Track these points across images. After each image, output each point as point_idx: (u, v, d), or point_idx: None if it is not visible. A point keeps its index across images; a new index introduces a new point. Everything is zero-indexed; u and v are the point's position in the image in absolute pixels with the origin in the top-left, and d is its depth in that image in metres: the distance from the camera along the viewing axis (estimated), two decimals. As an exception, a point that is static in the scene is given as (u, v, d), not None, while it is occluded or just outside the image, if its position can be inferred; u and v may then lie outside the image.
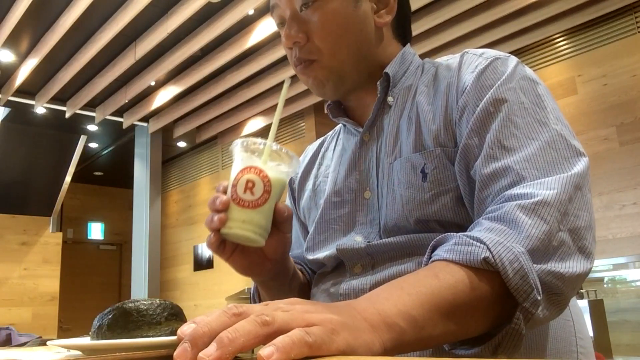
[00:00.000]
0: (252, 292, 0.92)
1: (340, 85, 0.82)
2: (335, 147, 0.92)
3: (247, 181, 0.64)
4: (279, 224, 0.69)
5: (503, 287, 0.53)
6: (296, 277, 0.87)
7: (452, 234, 0.59)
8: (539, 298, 0.53)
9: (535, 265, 0.54)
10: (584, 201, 0.61)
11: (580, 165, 0.62)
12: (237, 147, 0.67)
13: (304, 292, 0.89)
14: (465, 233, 0.57)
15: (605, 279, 3.81)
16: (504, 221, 0.58)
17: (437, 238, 0.60)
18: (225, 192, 0.66)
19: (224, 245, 0.69)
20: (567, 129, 0.67)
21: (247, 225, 0.64)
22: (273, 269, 0.76)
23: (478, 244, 0.54)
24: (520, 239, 0.56)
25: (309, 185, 0.94)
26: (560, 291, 0.56)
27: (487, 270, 0.53)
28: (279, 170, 0.66)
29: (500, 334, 0.54)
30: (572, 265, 0.57)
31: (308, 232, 0.92)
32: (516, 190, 0.60)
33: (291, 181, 1.00)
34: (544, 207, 0.57)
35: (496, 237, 0.55)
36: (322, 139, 1.00)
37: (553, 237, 0.57)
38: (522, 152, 0.64)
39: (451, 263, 0.55)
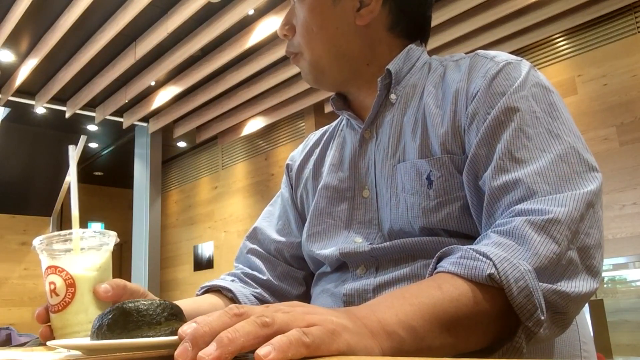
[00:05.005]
0: None
1: (321, 78, 0.84)
2: (336, 139, 0.91)
3: (49, 284, 0.62)
4: (111, 302, 0.67)
5: (507, 304, 0.52)
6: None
7: (458, 246, 0.58)
8: (542, 318, 0.52)
9: (541, 283, 0.54)
10: (596, 219, 0.59)
11: (594, 182, 0.61)
12: (36, 248, 0.64)
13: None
14: (472, 246, 0.56)
15: (605, 279, 3.81)
16: (513, 236, 0.57)
17: (443, 249, 0.59)
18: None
19: None
20: (580, 141, 0.65)
21: (67, 329, 0.62)
22: None
23: (484, 259, 0.53)
24: (527, 257, 0.55)
25: (309, 174, 0.93)
26: (564, 310, 0.56)
27: (491, 286, 0.53)
28: (85, 255, 0.63)
29: (501, 349, 0.53)
30: (578, 285, 0.56)
31: (303, 221, 0.91)
32: (527, 206, 0.59)
33: (289, 168, 0.99)
34: (554, 225, 0.56)
35: (503, 252, 0.54)
36: (325, 128, 0.98)
37: (562, 256, 0.56)
38: (533, 164, 0.62)
39: (455, 276, 0.54)
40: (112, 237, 0.67)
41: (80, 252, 0.64)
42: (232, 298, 0.87)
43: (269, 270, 0.93)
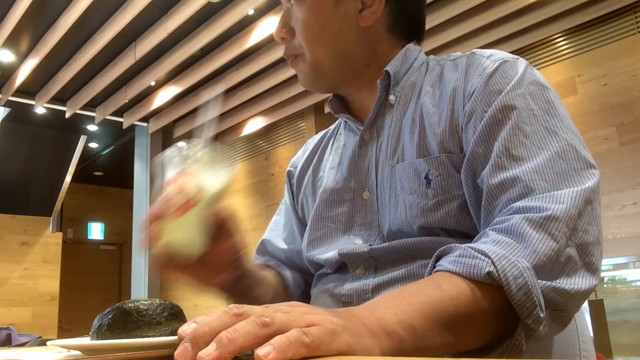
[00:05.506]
0: None
1: (321, 80, 0.83)
2: (335, 142, 0.91)
3: (178, 185, 0.64)
4: (219, 226, 0.69)
5: (506, 301, 0.53)
6: (265, 284, 0.85)
7: (456, 244, 0.58)
8: (541, 315, 0.53)
9: (540, 281, 0.54)
10: (594, 215, 0.59)
11: (592, 179, 0.61)
12: (167, 157, 0.67)
13: (278, 297, 0.88)
14: (471, 245, 0.57)
15: (605, 279, 3.80)
16: (511, 234, 0.57)
17: (442, 248, 0.59)
18: (159, 203, 0.65)
19: (169, 262, 0.68)
20: (577, 138, 0.65)
21: (182, 228, 0.64)
22: (230, 277, 0.76)
23: (482, 257, 0.53)
24: (526, 254, 0.55)
25: (308, 179, 0.93)
26: (563, 307, 0.56)
27: (490, 284, 0.53)
28: (210, 173, 0.66)
29: (501, 347, 0.54)
30: (577, 282, 0.56)
31: (304, 227, 0.91)
32: (525, 203, 0.59)
33: (290, 175, 0.99)
34: (552, 222, 0.56)
35: (501, 250, 0.54)
36: (323, 132, 0.98)
37: (560, 253, 0.56)
38: (531, 162, 0.62)
39: (454, 275, 0.54)
40: (231, 170, 0.69)
41: (210, 168, 0.66)
42: (284, 280, 0.91)
43: None
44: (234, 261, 0.75)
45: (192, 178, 0.65)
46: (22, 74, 5.07)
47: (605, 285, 3.81)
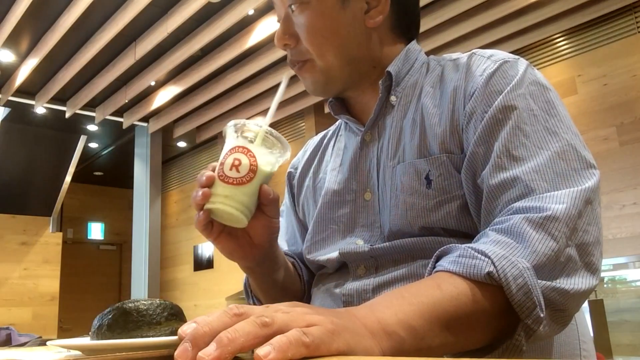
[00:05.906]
0: (244, 282, 0.92)
1: (331, 85, 0.81)
2: (335, 144, 0.91)
3: (234, 159, 0.65)
4: (264, 206, 0.69)
5: (506, 302, 0.53)
6: (284, 268, 0.85)
7: (456, 245, 0.58)
8: (541, 315, 0.53)
9: (539, 281, 0.54)
10: (594, 215, 0.59)
11: (592, 179, 0.61)
12: (230, 127, 0.68)
13: (293, 284, 0.88)
14: (471, 245, 0.57)
15: (605, 279, 3.80)
16: (511, 234, 0.57)
17: (442, 248, 0.59)
18: (213, 170, 0.67)
19: (211, 225, 0.69)
20: (577, 138, 0.65)
21: (229, 201, 0.65)
22: (259, 254, 0.76)
23: (482, 257, 0.54)
24: (526, 254, 0.55)
25: (309, 181, 0.93)
26: (563, 307, 0.56)
27: (490, 284, 0.53)
28: (268, 153, 0.67)
29: (501, 348, 0.54)
30: (577, 282, 0.56)
31: (305, 229, 0.91)
32: (525, 203, 0.59)
33: (290, 177, 0.99)
34: (552, 223, 0.56)
35: (501, 250, 0.54)
36: (323, 133, 0.98)
37: (560, 253, 0.56)
38: (531, 162, 0.62)
39: (454, 275, 0.54)
40: (288, 152, 0.69)
41: (267, 148, 0.67)
42: (299, 270, 0.91)
43: None
44: (266, 241, 0.75)
45: (249, 156, 0.65)
46: (22, 74, 5.08)
47: (605, 285, 3.82)
